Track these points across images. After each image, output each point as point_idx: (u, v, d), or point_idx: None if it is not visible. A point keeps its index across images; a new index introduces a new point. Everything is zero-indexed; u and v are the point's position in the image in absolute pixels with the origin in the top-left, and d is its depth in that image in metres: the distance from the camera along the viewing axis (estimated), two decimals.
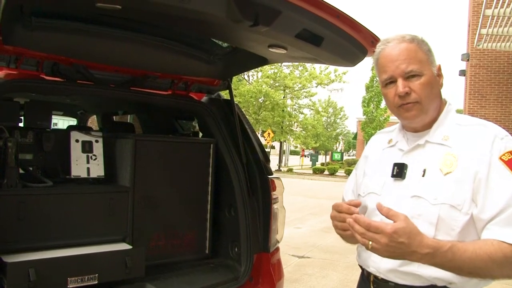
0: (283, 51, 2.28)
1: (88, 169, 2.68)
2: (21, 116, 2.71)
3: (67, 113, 5.38)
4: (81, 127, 3.34)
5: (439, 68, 1.56)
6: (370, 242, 1.35)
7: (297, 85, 30.56)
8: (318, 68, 29.99)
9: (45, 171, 2.64)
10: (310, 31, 1.99)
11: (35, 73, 2.52)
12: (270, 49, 2.29)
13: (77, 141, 2.68)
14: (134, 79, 2.80)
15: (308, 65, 29.46)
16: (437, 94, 1.55)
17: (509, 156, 1.42)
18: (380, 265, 1.54)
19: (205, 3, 1.70)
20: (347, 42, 2.13)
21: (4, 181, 2.32)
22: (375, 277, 1.58)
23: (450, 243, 1.36)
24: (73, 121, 5.46)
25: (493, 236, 1.37)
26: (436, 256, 1.34)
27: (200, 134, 3.40)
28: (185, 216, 2.96)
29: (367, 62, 1.58)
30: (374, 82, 30.44)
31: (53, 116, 6.05)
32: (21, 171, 2.48)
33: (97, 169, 2.71)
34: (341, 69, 28.41)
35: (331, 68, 28.86)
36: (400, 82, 1.51)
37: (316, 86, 30.49)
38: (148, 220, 2.78)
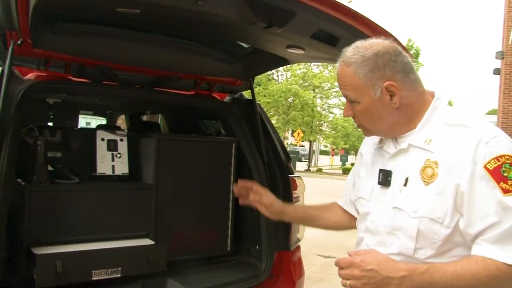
0: (301, 52, 2.32)
1: (113, 166, 2.77)
2: (50, 116, 2.83)
3: (97, 113, 5.54)
4: (107, 126, 3.44)
5: (388, 86, 1.39)
6: (348, 281, 1.35)
7: (327, 85, 30.42)
8: None
9: (72, 168, 2.74)
10: (326, 31, 2.02)
11: (63, 74, 2.62)
12: (289, 50, 2.33)
13: (102, 139, 2.78)
14: (158, 79, 2.88)
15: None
16: (386, 115, 1.43)
17: (495, 163, 1.29)
18: None
19: (219, 5, 1.75)
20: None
21: (34, 178, 2.43)
22: None
23: (427, 265, 1.33)
24: (103, 121, 5.62)
25: (481, 252, 1.30)
26: (413, 278, 1.31)
27: (223, 134, 3.46)
28: (207, 214, 3.02)
29: None
30: None
31: (85, 116, 6.24)
32: (49, 168, 2.58)
33: (122, 167, 2.80)
34: None
35: None
36: (346, 104, 1.50)
37: None
38: (170, 217, 2.85)
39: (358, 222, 1.63)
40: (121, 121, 5.76)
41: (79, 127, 3.05)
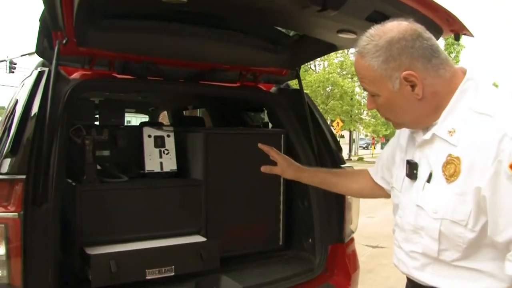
0: (352, 36, 2.19)
1: (161, 163, 2.73)
2: (96, 115, 2.81)
3: (139, 110, 5.55)
4: (153, 123, 3.41)
5: (407, 77, 1.24)
6: None
7: None
8: None
9: (120, 166, 2.71)
10: (382, 12, 1.89)
11: (108, 72, 2.60)
12: (339, 35, 2.21)
13: (149, 136, 2.73)
14: (202, 72, 2.81)
15: None
16: (411, 108, 1.29)
17: None
18: (399, 267, 1.46)
19: None
20: (421, 22, 2.01)
21: (83, 177, 2.41)
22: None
23: None
24: (145, 118, 5.62)
25: None
26: None
27: (270, 126, 3.38)
28: (258, 208, 2.95)
29: (439, 43, 1.39)
30: None
31: (126, 114, 6.31)
32: (98, 167, 2.56)
33: (170, 163, 2.76)
34: None
35: None
36: (368, 97, 1.38)
37: None
38: (221, 213, 2.80)
39: (393, 212, 1.52)
40: (161, 118, 5.76)
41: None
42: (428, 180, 1.29)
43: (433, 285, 1.33)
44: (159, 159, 2.73)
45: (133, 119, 9.31)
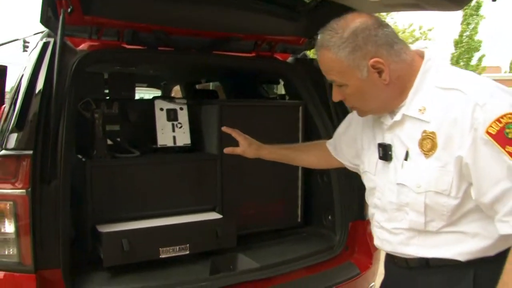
0: None
1: (174, 137, 2.62)
2: (106, 88, 2.70)
3: (151, 85, 5.43)
4: (166, 96, 3.30)
5: (374, 64, 1.29)
6: None
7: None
8: (401, 24, 28.55)
9: (132, 141, 2.61)
10: None
11: (117, 42, 2.47)
12: None
13: (161, 109, 2.62)
14: (216, 42, 2.67)
15: (391, 21, 28.13)
16: (378, 93, 1.34)
17: (497, 126, 1.17)
18: (383, 247, 1.51)
19: None
20: None
21: (94, 152, 2.31)
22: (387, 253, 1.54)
23: None
24: (157, 94, 5.51)
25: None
26: None
27: (287, 98, 3.25)
28: (276, 184, 2.84)
29: (456, 15, 1.35)
30: (464, 37, 28.41)
31: (138, 89, 6.20)
32: (109, 142, 2.46)
33: (183, 137, 2.65)
34: (426, 25, 26.80)
35: (416, 25, 27.37)
36: (334, 88, 1.40)
37: None
38: (237, 189, 2.69)
39: (367, 196, 1.58)
40: (174, 93, 5.64)
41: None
42: (406, 158, 1.34)
43: (420, 256, 1.39)
44: (172, 133, 2.62)
45: (146, 95, 9.20)
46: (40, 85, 2.04)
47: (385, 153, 1.40)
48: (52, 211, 1.96)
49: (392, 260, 1.52)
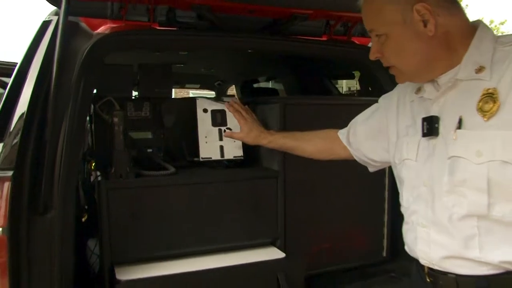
0: None
1: (221, 147, 1.99)
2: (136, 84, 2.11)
3: (204, 85, 4.88)
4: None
5: (420, 9, 1.12)
6: None
7: None
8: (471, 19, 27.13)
9: (166, 153, 2.02)
10: None
11: (146, 23, 1.89)
12: None
13: (205, 111, 2.00)
14: (276, 22, 2.05)
15: None
16: (421, 47, 1.15)
17: None
18: (431, 255, 1.19)
19: None
20: None
21: (112, 170, 1.72)
22: (430, 268, 1.21)
23: None
24: (212, 96, 4.95)
25: None
26: None
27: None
28: (355, 208, 2.17)
29: None
30: None
31: (191, 91, 5.64)
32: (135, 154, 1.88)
33: (234, 148, 2.01)
34: (497, 18, 25.17)
35: (487, 19, 25.87)
36: (372, 44, 1.23)
37: None
38: (305, 215, 2.05)
39: (404, 193, 1.31)
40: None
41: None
42: (459, 127, 1.13)
43: (484, 261, 1.11)
44: (219, 142, 1.99)
45: None
46: (32, 77, 1.49)
47: (431, 127, 1.19)
48: (47, 255, 1.40)
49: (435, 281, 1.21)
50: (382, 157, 1.49)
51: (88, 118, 2.05)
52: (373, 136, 1.50)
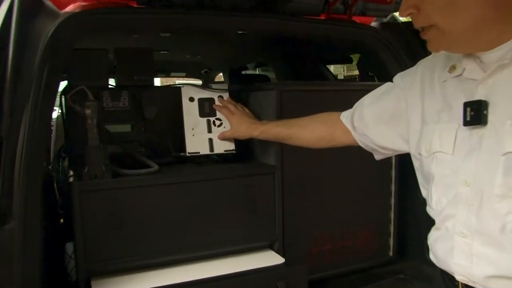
0: None
1: (210, 141, 1.77)
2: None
3: (189, 74, 4.64)
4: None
5: None
6: None
7: None
8: None
9: (148, 148, 1.79)
10: None
11: (122, 1, 1.66)
12: None
13: (191, 99, 1.78)
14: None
15: None
16: (472, 6, 0.90)
17: None
18: (473, 271, 0.96)
19: None
20: None
21: (85, 170, 1.49)
22: (467, 285, 0.99)
23: None
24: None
25: None
26: None
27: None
28: (358, 204, 1.97)
29: None
30: None
31: (177, 80, 5.41)
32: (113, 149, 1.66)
33: (225, 141, 1.79)
34: None
35: None
36: None
37: None
38: (306, 214, 1.84)
39: (434, 192, 1.06)
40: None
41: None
42: None
43: None
44: (208, 135, 1.77)
45: None
46: None
47: (477, 114, 0.96)
48: (6, 273, 1.19)
49: None
50: (395, 145, 1.27)
51: (60, 110, 1.84)
52: (385, 120, 1.28)
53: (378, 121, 1.30)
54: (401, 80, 1.23)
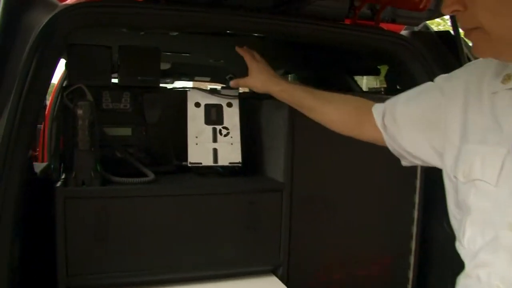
0: None
1: (215, 151, 1.62)
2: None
3: (214, 79, 4.53)
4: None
5: None
6: None
7: None
8: None
9: (148, 154, 1.66)
10: None
11: None
12: None
13: (197, 105, 1.64)
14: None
15: None
16: None
17: None
18: None
19: None
20: None
21: (72, 175, 1.37)
22: None
23: None
24: None
25: None
26: None
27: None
28: (375, 230, 1.79)
29: None
30: None
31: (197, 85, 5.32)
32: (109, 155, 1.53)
33: (230, 152, 1.64)
34: None
35: None
36: None
37: None
38: (314, 238, 1.68)
39: (468, 227, 0.89)
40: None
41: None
42: None
43: None
44: (212, 144, 1.63)
45: None
46: None
47: None
48: None
49: None
50: (427, 157, 1.09)
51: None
52: (420, 128, 1.10)
53: (412, 126, 1.13)
54: (444, 83, 1.06)
